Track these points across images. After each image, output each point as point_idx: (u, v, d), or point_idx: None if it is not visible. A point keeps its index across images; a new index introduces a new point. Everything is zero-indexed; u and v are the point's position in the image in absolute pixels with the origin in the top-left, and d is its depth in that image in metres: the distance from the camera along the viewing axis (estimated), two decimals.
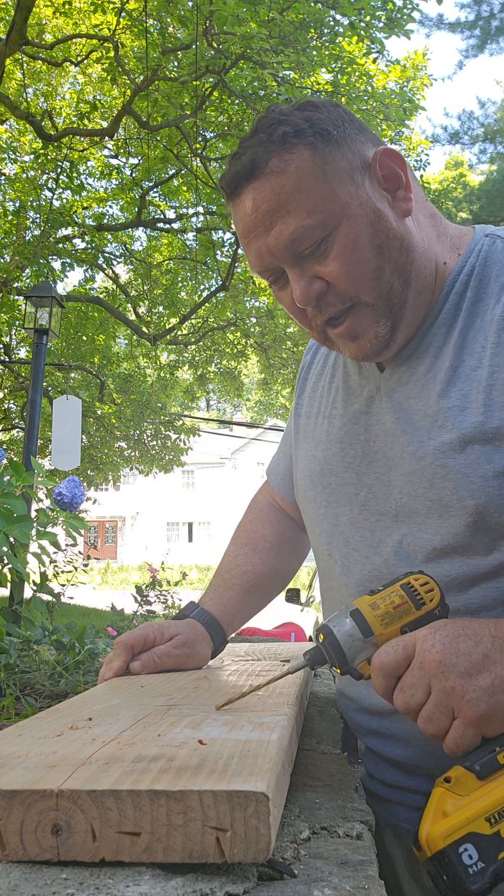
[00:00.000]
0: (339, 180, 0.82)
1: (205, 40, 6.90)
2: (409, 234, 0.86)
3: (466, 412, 0.82)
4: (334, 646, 0.73)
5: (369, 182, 0.84)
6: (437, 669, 0.66)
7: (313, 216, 0.81)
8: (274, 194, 0.81)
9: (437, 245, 0.90)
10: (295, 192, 0.81)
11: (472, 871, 0.61)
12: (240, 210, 0.85)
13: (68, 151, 9.23)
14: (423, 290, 0.88)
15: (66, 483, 1.69)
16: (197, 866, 0.49)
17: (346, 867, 0.52)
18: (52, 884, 0.46)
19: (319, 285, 0.83)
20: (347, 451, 0.96)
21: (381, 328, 0.86)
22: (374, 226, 0.83)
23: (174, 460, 13.13)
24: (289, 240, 0.82)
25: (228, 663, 1.13)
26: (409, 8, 6.69)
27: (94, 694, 0.87)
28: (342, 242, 0.82)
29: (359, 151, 0.84)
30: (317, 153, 0.81)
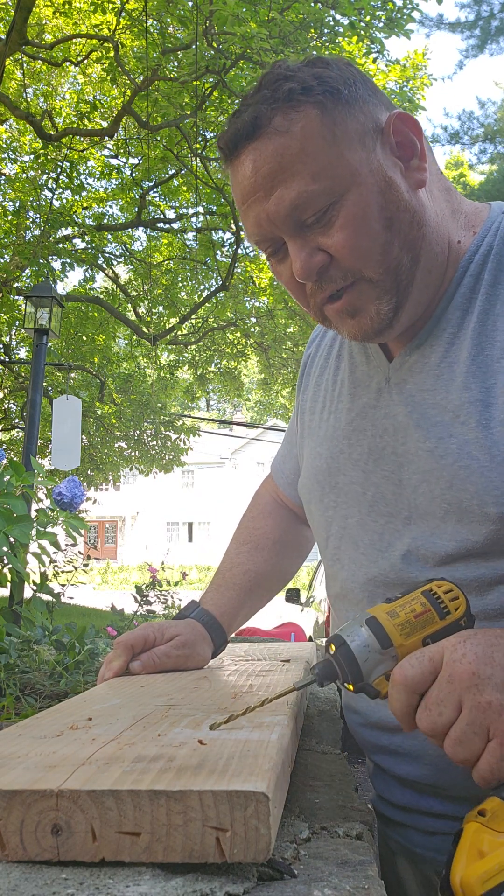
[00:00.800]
0: (348, 144, 0.75)
1: (205, 40, 6.90)
2: (422, 207, 0.79)
3: (492, 408, 0.75)
4: (348, 659, 0.64)
5: (381, 148, 0.77)
6: (470, 682, 0.58)
7: (319, 181, 0.74)
8: (277, 156, 0.74)
9: (451, 222, 0.83)
10: (300, 154, 0.73)
11: None
12: (238, 172, 0.78)
13: (68, 151, 9.23)
14: (434, 269, 0.81)
15: (66, 483, 1.69)
16: (197, 866, 0.49)
17: (346, 867, 0.52)
18: (52, 884, 0.46)
19: (321, 258, 0.77)
20: (354, 448, 0.89)
21: (383, 306, 0.79)
22: (385, 195, 0.76)
23: (174, 460, 13.13)
24: (291, 206, 0.75)
25: (228, 663, 1.13)
26: (409, 8, 6.70)
27: (94, 694, 0.87)
28: (349, 212, 0.74)
29: (371, 114, 0.77)
30: (325, 113, 0.74)
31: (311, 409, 1.02)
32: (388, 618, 0.65)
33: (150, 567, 3.51)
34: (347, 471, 0.90)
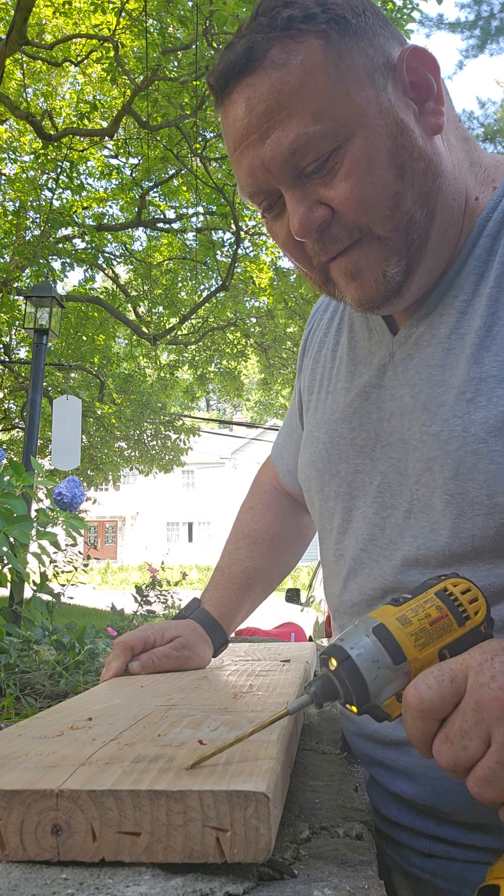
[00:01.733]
0: (355, 80, 0.65)
1: (205, 40, 6.90)
2: (438, 155, 0.69)
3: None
4: (353, 676, 0.54)
5: (393, 87, 0.67)
6: (502, 713, 0.48)
7: (321, 122, 0.64)
8: (273, 92, 0.64)
9: (469, 175, 0.74)
10: (300, 91, 0.64)
11: None
12: (230, 113, 0.67)
13: (68, 151, 9.23)
14: (450, 228, 0.71)
15: (66, 483, 1.69)
16: (197, 866, 0.49)
17: (346, 867, 0.52)
18: (52, 884, 0.46)
19: (323, 212, 0.67)
20: (358, 433, 0.80)
21: (391, 268, 0.69)
22: (396, 140, 0.66)
23: (174, 460, 13.13)
24: (288, 151, 0.65)
25: (228, 663, 1.13)
26: (409, 8, 6.69)
27: (94, 694, 0.87)
28: (355, 157, 0.65)
29: (382, 48, 0.67)
30: (329, 44, 0.65)
31: (308, 388, 0.93)
32: (399, 625, 0.55)
33: (150, 567, 3.51)
34: (351, 458, 0.81)
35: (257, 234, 10.95)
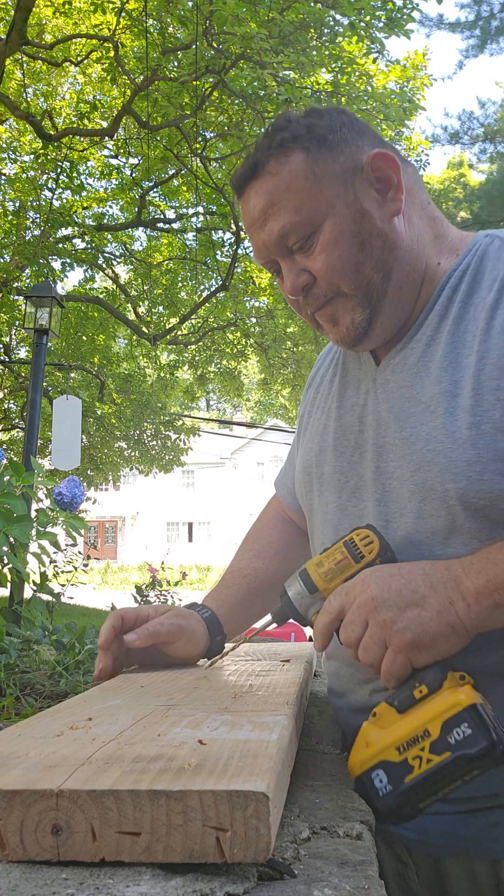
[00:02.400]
0: (328, 181, 0.88)
1: (205, 40, 6.90)
2: (396, 233, 0.91)
3: (458, 398, 0.85)
4: (289, 604, 0.85)
5: (360, 183, 0.89)
6: (371, 605, 0.74)
7: (300, 214, 0.88)
8: (269, 193, 0.89)
9: (433, 246, 0.94)
10: (286, 192, 0.88)
11: (381, 794, 0.69)
12: (244, 206, 0.93)
13: (68, 151, 9.23)
14: (406, 286, 0.92)
15: (66, 483, 1.69)
16: (197, 866, 0.49)
17: (346, 867, 0.52)
18: (52, 884, 0.46)
19: (306, 278, 0.91)
20: (340, 441, 0.99)
21: (357, 316, 0.91)
22: (359, 224, 0.88)
23: (174, 460, 13.13)
24: (279, 235, 0.89)
25: (228, 663, 1.13)
26: (409, 8, 6.69)
27: (94, 694, 0.87)
28: (326, 238, 0.88)
29: (353, 155, 0.90)
30: (310, 156, 0.88)
31: (308, 412, 1.12)
32: (315, 568, 0.83)
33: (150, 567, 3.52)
34: (332, 461, 1.00)
35: None
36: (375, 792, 0.69)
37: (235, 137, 8.26)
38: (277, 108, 7.43)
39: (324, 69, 7.79)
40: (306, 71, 7.17)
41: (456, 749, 0.67)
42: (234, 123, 8.37)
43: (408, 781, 0.68)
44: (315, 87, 7.72)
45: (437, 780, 0.68)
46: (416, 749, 0.68)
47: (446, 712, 0.69)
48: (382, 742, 0.70)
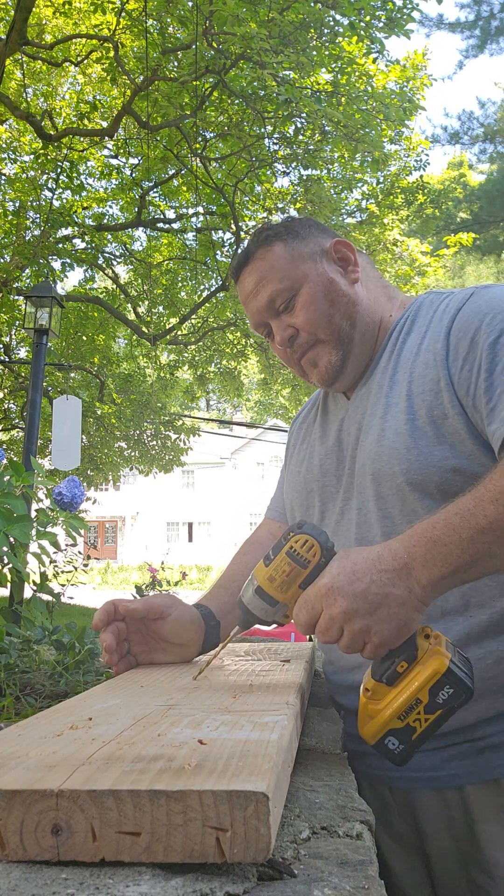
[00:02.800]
0: (302, 260, 1.18)
1: (205, 40, 6.90)
2: (356, 294, 1.20)
3: (398, 405, 1.10)
4: (253, 616, 0.93)
5: (326, 261, 1.20)
6: (344, 617, 0.82)
7: (283, 283, 1.17)
8: (259, 272, 1.18)
9: (386, 305, 1.23)
10: (271, 270, 1.17)
11: (396, 752, 0.84)
12: (241, 286, 1.22)
13: (68, 151, 9.22)
14: (367, 333, 1.20)
15: (66, 483, 1.69)
16: (197, 866, 0.49)
17: (346, 867, 0.52)
18: (52, 884, 0.46)
19: (291, 331, 1.17)
20: (325, 461, 1.23)
21: (333, 357, 1.17)
22: (327, 287, 1.17)
23: (174, 460, 13.12)
24: (268, 300, 1.17)
25: (228, 663, 1.13)
26: (409, 8, 6.69)
27: (94, 694, 0.87)
28: (303, 300, 1.16)
29: (319, 243, 1.21)
30: (287, 245, 1.19)
31: (294, 444, 1.38)
32: (269, 584, 0.90)
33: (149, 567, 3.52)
34: (320, 478, 1.23)
35: None
36: (391, 752, 0.84)
37: (235, 137, 8.26)
38: (277, 108, 7.43)
39: (324, 69, 7.79)
40: (306, 71, 7.16)
41: (444, 706, 0.82)
42: (234, 123, 8.37)
43: (414, 738, 0.83)
44: (315, 87, 7.71)
45: (433, 729, 0.83)
46: (413, 714, 0.83)
47: (429, 681, 0.82)
48: (385, 715, 0.84)
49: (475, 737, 1.03)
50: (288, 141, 8.54)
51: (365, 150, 7.71)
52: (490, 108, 16.40)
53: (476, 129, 16.12)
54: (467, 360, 1.03)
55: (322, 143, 8.34)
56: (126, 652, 1.09)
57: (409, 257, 11.37)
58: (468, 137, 16.26)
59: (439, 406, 1.05)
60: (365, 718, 0.85)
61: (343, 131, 7.49)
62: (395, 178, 10.76)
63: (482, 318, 1.04)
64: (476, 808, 1.03)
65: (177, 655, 1.11)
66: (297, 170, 9.25)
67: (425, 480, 1.04)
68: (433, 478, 1.03)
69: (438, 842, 1.06)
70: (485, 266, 16.76)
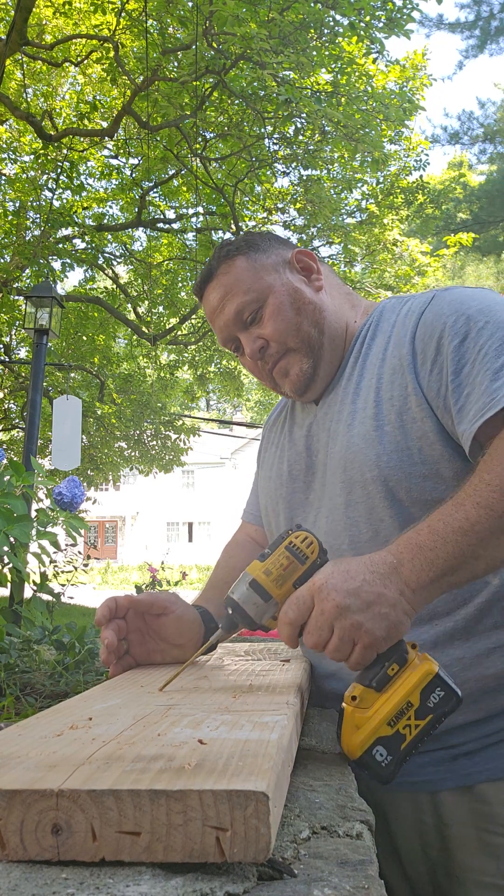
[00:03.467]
0: (265, 272, 1.18)
1: (205, 40, 6.90)
2: (322, 301, 1.20)
3: (365, 410, 1.10)
4: (242, 614, 0.89)
5: (289, 271, 1.20)
6: (336, 612, 0.81)
7: (248, 295, 1.16)
8: (223, 287, 1.18)
9: (350, 312, 1.24)
10: (236, 283, 1.17)
11: (384, 765, 0.80)
12: (206, 304, 1.21)
13: (68, 151, 9.22)
14: (335, 339, 1.20)
15: (66, 483, 1.69)
16: (197, 866, 0.49)
17: (346, 867, 0.52)
18: (52, 884, 0.46)
19: (261, 342, 1.17)
20: (294, 467, 1.23)
21: (304, 365, 1.17)
22: (293, 296, 1.17)
23: (174, 460, 13.11)
24: (235, 313, 1.17)
25: (229, 663, 1.13)
26: (409, 8, 6.68)
27: (94, 694, 0.87)
28: (270, 310, 1.16)
29: (280, 254, 1.22)
30: (249, 257, 1.19)
31: (265, 448, 1.38)
32: (264, 576, 0.88)
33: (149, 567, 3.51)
34: (289, 484, 1.23)
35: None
36: (378, 764, 0.80)
37: (235, 137, 8.26)
38: (277, 108, 7.43)
39: (324, 69, 7.78)
40: (306, 71, 7.16)
41: (436, 710, 0.81)
42: (234, 123, 8.37)
43: (403, 747, 0.80)
44: (315, 88, 7.71)
45: (421, 738, 0.81)
46: (404, 720, 0.80)
47: (421, 682, 0.81)
48: (374, 721, 0.80)
49: (450, 744, 1.04)
50: (288, 141, 8.54)
51: (365, 150, 7.71)
52: (490, 109, 16.40)
53: (476, 130, 16.12)
54: (435, 363, 1.04)
55: (322, 143, 8.34)
56: (124, 652, 1.08)
57: (409, 257, 11.37)
58: (468, 137, 16.26)
59: (408, 411, 1.05)
60: (350, 729, 0.81)
61: (343, 131, 7.49)
62: (394, 178, 10.75)
63: (445, 321, 1.05)
64: (448, 813, 1.03)
65: (175, 657, 1.10)
66: (297, 170, 9.25)
67: (395, 487, 1.05)
68: (403, 483, 1.04)
69: (408, 844, 1.08)
70: (485, 266, 16.76)
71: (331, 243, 10.95)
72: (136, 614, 1.09)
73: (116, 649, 1.06)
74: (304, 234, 10.55)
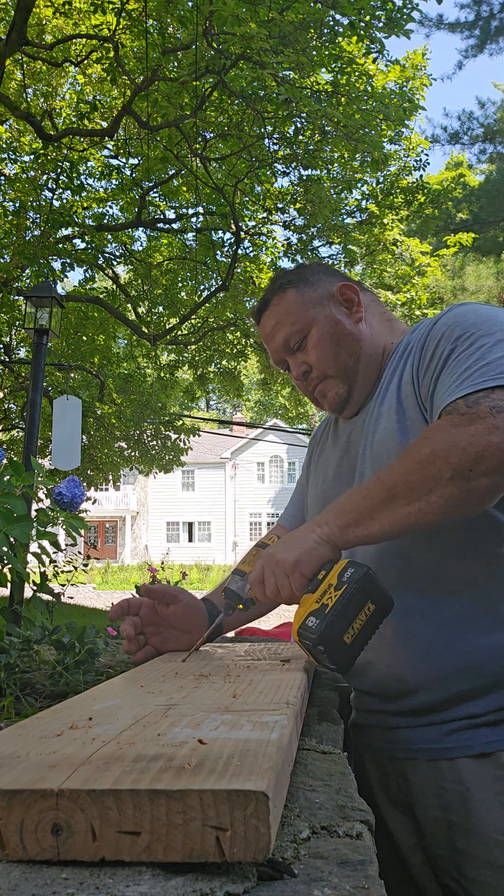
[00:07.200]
0: (312, 305, 1.33)
1: (205, 40, 6.90)
2: (360, 332, 1.33)
3: (390, 410, 1.24)
4: (231, 593, 1.25)
5: (333, 304, 1.34)
6: (268, 558, 1.10)
7: (295, 325, 1.32)
8: (275, 317, 1.34)
9: (388, 335, 1.37)
10: (285, 314, 1.33)
11: (315, 628, 0.97)
12: (262, 329, 1.38)
13: (68, 151, 9.22)
14: (370, 365, 1.33)
15: (66, 483, 1.69)
16: (197, 866, 0.49)
17: (346, 867, 0.52)
18: (52, 884, 0.46)
19: (304, 367, 1.33)
20: (338, 470, 1.36)
21: (340, 390, 1.32)
22: (333, 328, 1.31)
23: (174, 460, 13.11)
24: (283, 341, 1.33)
25: (229, 663, 1.13)
26: (409, 8, 6.68)
27: (94, 694, 0.87)
28: (313, 340, 1.31)
29: (326, 287, 1.35)
30: (298, 291, 1.34)
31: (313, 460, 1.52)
32: (241, 564, 1.29)
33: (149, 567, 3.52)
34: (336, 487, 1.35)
35: (257, 235, 10.95)
36: (311, 629, 0.98)
37: (235, 137, 8.26)
38: (277, 108, 7.44)
39: (324, 69, 7.78)
40: (306, 71, 7.16)
41: (349, 581, 0.99)
42: (234, 123, 8.37)
43: (328, 613, 0.97)
44: (315, 87, 7.71)
45: (346, 609, 0.97)
46: (326, 595, 1.00)
47: (338, 568, 1.02)
48: (306, 604, 1.02)
49: (472, 714, 1.12)
50: (288, 141, 8.54)
51: (365, 151, 7.71)
52: (490, 108, 16.40)
53: (476, 129, 16.12)
54: (428, 369, 1.18)
55: (322, 143, 8.34)
56: (143, 644, 1.27)
57: (409, 257, 11.37)
58: (468, 137, 16.26)
59: (416, 408, 1.20)
60: (295, 620, 1.02)
61: (343, 131, 7.49)
62: (394, 179, 10.75)
63: (444, 331, 1.18)
64: (468, 778, 1.11)
65: (187, 642, 1.30)
66: (297, 170, 9.25)
67: None
68: None
69: (428, 811, 1.15)
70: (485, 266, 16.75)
71: (331, 243, 10.95)
72: (149, 610, 1.29)
73: (136, 640, 1.26)
74: (304, 234, 10.56)
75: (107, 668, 1.34)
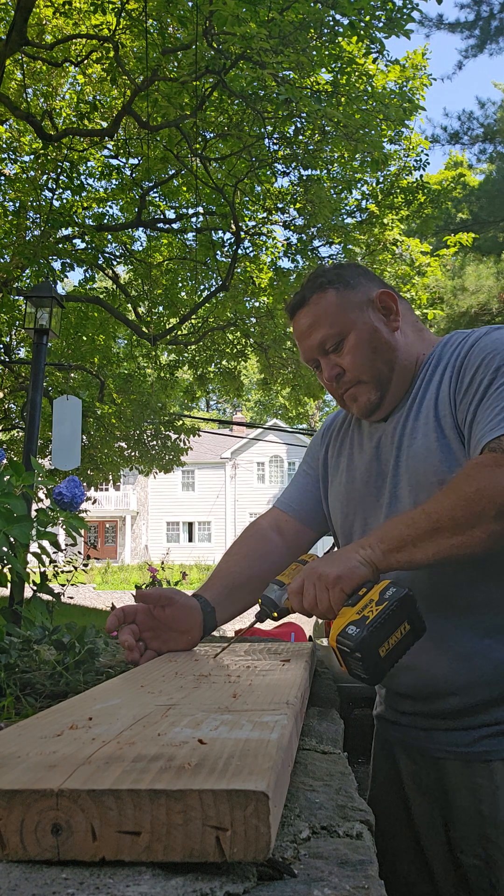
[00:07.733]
0: (350, 309, 1.32)
1: (205, 40, 6.89)
2: (396, 341, 1.34)
3: (427, 426, 1.27)
4: (268, 600, 1.28)
5: (371, 310, 1.33)
6: (310, 572, 1.12)
7: (333, 328, 1.31)
8: (312, 316, 1.32)
9: (420, 345, 1.38)
10: (323, 316, 1.31)
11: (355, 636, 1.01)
12: (296, 325, 1.36)
13: (68, 151, 9.22)
14: (404, 373, 1.34)
15: (66, 483, 1.69)
16: (197, 866, 0.49)
17: (346, 867, 0.52)
18: (52, 884, 0.46)
19: (338, 370, 1.32)
20: (365, 475, 1.38)
21: (372, 396, 1.33)
22: (371, 335, 1.31)
23: (174, 460, 13.11)
24: (319, 342, 1.32)
25: (229, 663, 1.13)
26: (409, 8, 6.68)
27: (94, 694, 0.87)
28: (350, 344, 1.30)
29: (366, 293, 1.34)
30: (338, 293, 1.32)
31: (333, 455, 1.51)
32: (282, 576, 1.30)
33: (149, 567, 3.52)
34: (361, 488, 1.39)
35: (257, 235, 10.95)
36: (351, 636, 1.01)
37: (235, 137, 8.26)
38: (277, 108, 7.43)
39: (324, 69, 7.78)
40: (306, 71, 7.16)
41: (391, 599, 1.03)
42: (234, 123, 8.37)
43: (368, 624, 1.01)
44: (315, 87, 7.71)
45: (385, 623, 1.01)
46: (367, 608, 1.03)
47: (380, 587, 1.06)
48: (346, 615, 1.05)
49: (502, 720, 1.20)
50: (288, 141, 8.54)
51: (365, 151, 7.71)
52: (490, 108, 16.39)
53: (476, 129, 16.12)
54: (466, 394, 1.22)
55: (322, 143, 8.34)
56: (144, 650, 1.25)
57: (409, 257, 11.36)
58: (468, 137, 16.26)
59: (454, 428, 1.24)
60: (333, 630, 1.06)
61: (343, 131, 7.49)
62: (394, 178, 10.75)
63: (483, 358, 1.22)
64: (500, 777, 1.17)
65: (186, 642, 1.29)
66: (297, 170, 9.25)
67: None
68: None
69: (461, 801, 1.21)
70: (485, 266, 16.75)
71: (331, 243, 10.95)
72: (145, 616, 1.26)
73: (137, 647, 1.23)
74: (304, 233, 10.56)
75: (107, 668, 1.34)
